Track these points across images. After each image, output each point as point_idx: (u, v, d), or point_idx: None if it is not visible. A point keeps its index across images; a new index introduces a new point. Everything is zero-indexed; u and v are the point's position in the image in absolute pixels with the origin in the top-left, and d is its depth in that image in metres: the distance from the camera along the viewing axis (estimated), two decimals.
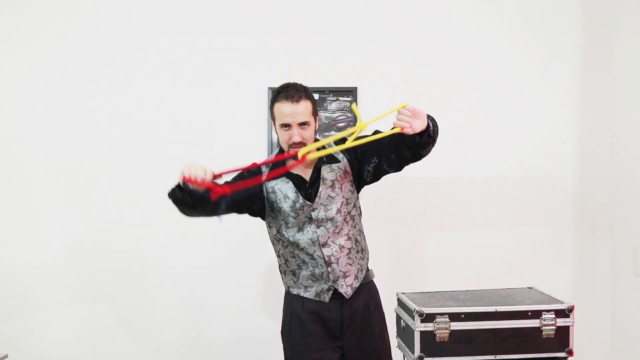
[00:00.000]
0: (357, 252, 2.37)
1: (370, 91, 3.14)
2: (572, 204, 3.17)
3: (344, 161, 2.35)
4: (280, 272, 2.44)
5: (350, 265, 2.33)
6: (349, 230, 2.34)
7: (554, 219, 3.17)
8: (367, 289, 2.38)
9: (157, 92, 3.15)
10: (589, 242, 3.16)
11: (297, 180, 2.31)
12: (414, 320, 2.19)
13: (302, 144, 2.22)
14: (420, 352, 2.16)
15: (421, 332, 2.17)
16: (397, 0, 3.16)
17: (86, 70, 3.14)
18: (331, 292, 2.31)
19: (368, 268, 2.43)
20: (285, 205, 2.29)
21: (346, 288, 2.31)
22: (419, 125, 2.10)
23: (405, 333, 2.35)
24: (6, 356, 2.84)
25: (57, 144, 3.14)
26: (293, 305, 2.37)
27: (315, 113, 2.30)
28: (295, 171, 2.31)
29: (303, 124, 2.23)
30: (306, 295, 2.33)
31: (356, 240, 2.38)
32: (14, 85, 3.14)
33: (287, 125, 2.23)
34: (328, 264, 2.29)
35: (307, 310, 2.33)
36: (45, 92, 3.14)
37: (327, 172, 2.32)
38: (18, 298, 3.14)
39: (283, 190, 2.30)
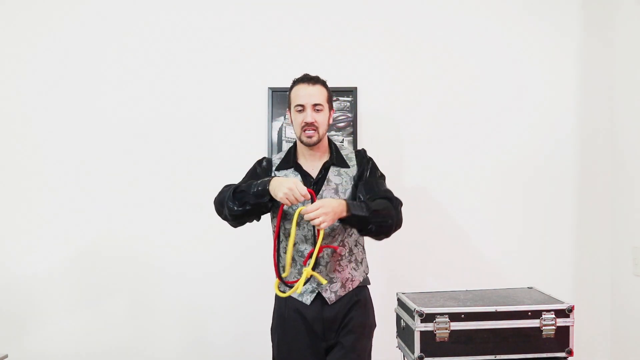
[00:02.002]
0: (350, 262, 2.35)
1: (370, 91, 3.14)
2: (572, 204, 3.17)
3: (353, 168, 2.36)
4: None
5: (340, 272, 2.32)
6: (345, 238, 2.33)
7: (554, 219, 3.17)
8: (355, 294, 2.35)
9: (157, 92, 3.15)
10: (589, 242, 3.17)
11: (304, 175, 2.33)
12: (414, 320, 2.18)
13: (314, 127, 2.26)
14: (420, 352, 2.16)
15: (421, 332, 2.17)
16: (397, 0, 3.16)
17: (86, 71, 3.14)
18: (314, 294, 2.31)
19: (362, 280, 2.39)
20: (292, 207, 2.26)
21: (330, 294, 2.31)
22: (332, 217, 2.11)
23: (405, 333, 2.35)
24: (6, 356, 2.84)
25: (57, 145, 3.14)
26: (279, 301, 2.39)
27: (330, 102, 2.34)
28: (304, 166, 2.35)
29: (317, 106, 2.27)
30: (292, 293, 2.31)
31: (350, 250, 2.36)
32: (13, 85, 3.14)
33: (301, 107, 2.27)
34: (316, 265, 2.27)
35: (290, 307, 2.34)
36: (45, 92, 3.14)
37: (334, 174, 2.33)
38: (18, 298, 3.13)
39: (289, 176, 2.32)
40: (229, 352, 3.14)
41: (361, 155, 2.42)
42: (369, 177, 2.36)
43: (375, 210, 2.20)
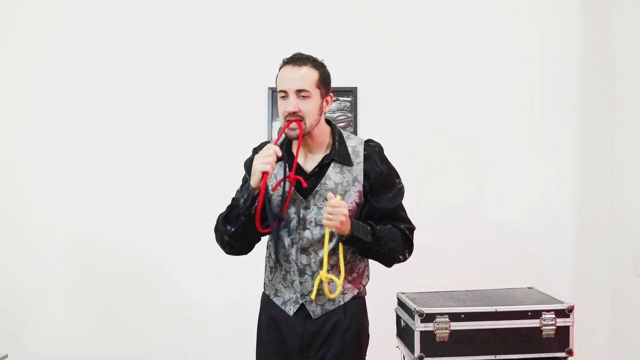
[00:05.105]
0: (344, 271, 2.02)
1: (370, 91, 3.14)
2: (573, 204, 3.17)
3: (358, 167, 2.04)
4: (265, 264, 2.24)
5: (329, 283, 2.01)
6: (339, 244, 2.02)
7: (554, 219, 3.17)
8: (344, 307, 2.08)
9: (157, 92, 3.15)
10: (589, 242, 3.16)
11: (294, 167, 2.02)
12: (414, 320, 2.18)
13: (298, 116, 1.93)
14: (420, 352, 2.16)
15: (421, 332, 2.17)
16: (397, 0, 3.16)
17: (86, 70, 3.14)
18: (298, 305, 2.06)
19: (358, 290, 2.13)
20: (276, 194, 2.01)
21: (315, 307, 2.06)
22: (341, 225, 1.90)
23: (405, 333, 2.35)
24: (6, 356, 2.84)
25: (57, 145, 3.14)
26: (261, 305, 2.19)
27: (321, 87, 2.00)
28: (298, 158, 2.03)
29: (301, 92, 1.94)
30: (274, 299, 2.12)
31: (345, 258, 2.05)
32: (13, 85, 3.14)
33: (284, 93, 1.96)
34: (301, 273, 2.05)
35: (269, 315, 2.12)
36: (46, 92, 3.14)
37: (334, 172, 2.02)
38: (18, 298, 3.14)
39: (278, 177, 2.03)
40: (229, 352, 3.14)
41: (370, 154, 2.07)
42: (382, 190, 2.06)
43: (379, 237, 1.99)
